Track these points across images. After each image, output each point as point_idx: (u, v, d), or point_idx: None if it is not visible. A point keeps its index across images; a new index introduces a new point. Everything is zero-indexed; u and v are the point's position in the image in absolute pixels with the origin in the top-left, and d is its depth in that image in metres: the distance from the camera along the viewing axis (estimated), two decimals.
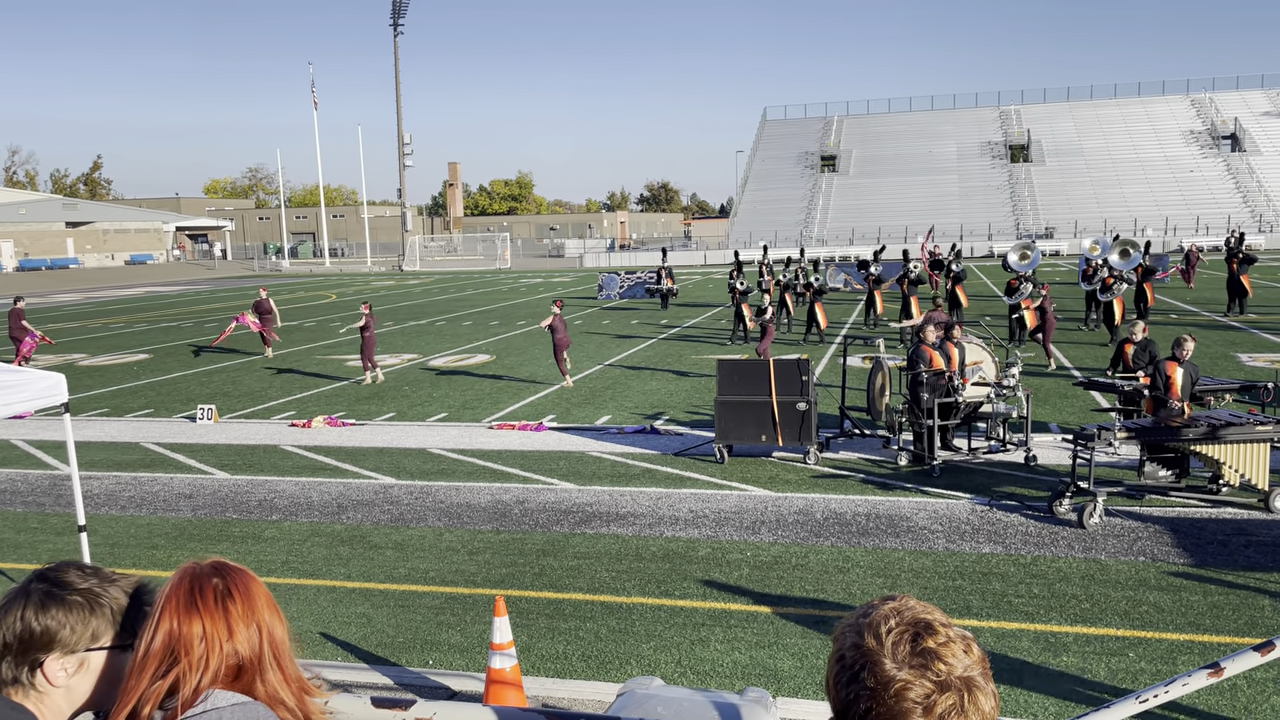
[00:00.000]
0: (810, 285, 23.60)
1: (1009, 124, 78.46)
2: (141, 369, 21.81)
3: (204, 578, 1.65)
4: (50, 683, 1.70)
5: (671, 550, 8.80)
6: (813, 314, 22.89)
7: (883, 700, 1.28)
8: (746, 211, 74.62)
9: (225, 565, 1.70)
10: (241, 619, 1.63)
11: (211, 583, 1.65)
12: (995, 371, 12.03)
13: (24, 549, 9.46)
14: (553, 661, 6.68)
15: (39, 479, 12.21)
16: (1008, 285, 20.88)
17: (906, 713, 1.26)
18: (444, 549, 9.03)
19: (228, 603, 1.63)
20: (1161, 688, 2.88)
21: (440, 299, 40.38)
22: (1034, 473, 10.97)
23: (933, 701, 1.26)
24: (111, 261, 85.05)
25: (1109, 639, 6.74)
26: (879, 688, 1.28)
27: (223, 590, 1.64)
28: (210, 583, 1.65)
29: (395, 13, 71.48)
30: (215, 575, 1.66)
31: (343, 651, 6.94)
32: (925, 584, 7.82)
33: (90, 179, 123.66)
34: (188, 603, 1.62)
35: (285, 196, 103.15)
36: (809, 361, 11.74)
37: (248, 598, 1.65)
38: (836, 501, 10.14)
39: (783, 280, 26.25)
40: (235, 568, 1.70)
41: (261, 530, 9.82)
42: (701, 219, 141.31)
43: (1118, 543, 8.64)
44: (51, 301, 45.63)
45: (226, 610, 1.62)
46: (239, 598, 1.64)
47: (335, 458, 12.77)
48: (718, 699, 4.24)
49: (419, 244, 77.75)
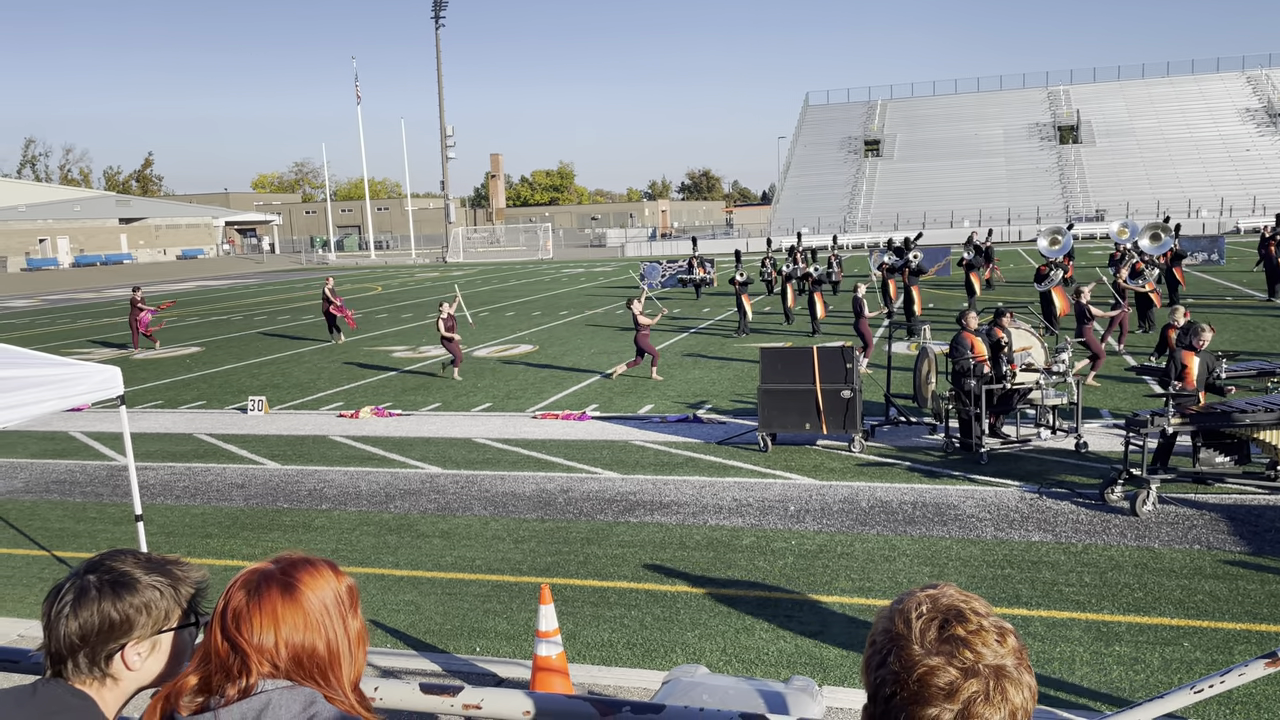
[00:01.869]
0: (809, 275, 23.13)
1: (1057, 105, 76.95)
2: (194, 362, 22.25)
3: (271, 573, 1.68)
4: (128, 667, 1.76)
5: (715, 539, 8.79)
6: (812, 304, 22.36)
7: (906, 685, 1.27)
8: (789, 198, 74.09)
9: (297, 562, 1.71)
10: (299, 616, 1.65)
11: (276, 579, 1.67)
12: (1045, 357, 11.84)
13: (83, 538, 9.72)
14: (598, 649, 6.71)
15: (97, 469, 12.52)
16: (1037, 272, 20.40)
17: (930, 698, 1.25)
18: (490, 537, 9.12)
19: (286, 600, 1.65)
20: (1217, 677, 2.82)
21: (483, 290, 40.64)
22: (1085, 460, 10.79)
23: (957, 688, 1.25)
24: (163, 257, 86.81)
25: (1163, 628, 6.62)
26: (903, 672, 1.28)
27: (284, 587, 1.66)
28: (275, 578, 1.67)
29: (436, 5, 71.90)
30: (283, 571, 1.69)
31: (391, 638, 7.04)
32: (973, 573, 7.74)
33: (142, 176, 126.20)
34: (250, 596, 1.65)
35: (331, 190, 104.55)
36: (853, 349, 11.65)
37: (307, 597, 1.67)
38: (882, 490, 10.06)
39: (784, 270, 25.81)
40: (309, 566, 1.71)
41: (312, 519, 9.98)
42: (743, 206, 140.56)
43: (1172, 530, 8.48)
44: (106, 296, 46.69)
45: (285, 607, 1.65)
46: (297, 597, 1.66)
47: (382, 448, 12.93)
48: (763, 687, 4.24)
49: (462, 235, 78.31)
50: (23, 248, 75.89)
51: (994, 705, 1.24)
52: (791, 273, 25.43)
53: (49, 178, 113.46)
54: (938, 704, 1.25)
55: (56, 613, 1.73)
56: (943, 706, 1.25)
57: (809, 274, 23.22)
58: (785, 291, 24.84)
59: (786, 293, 24.77)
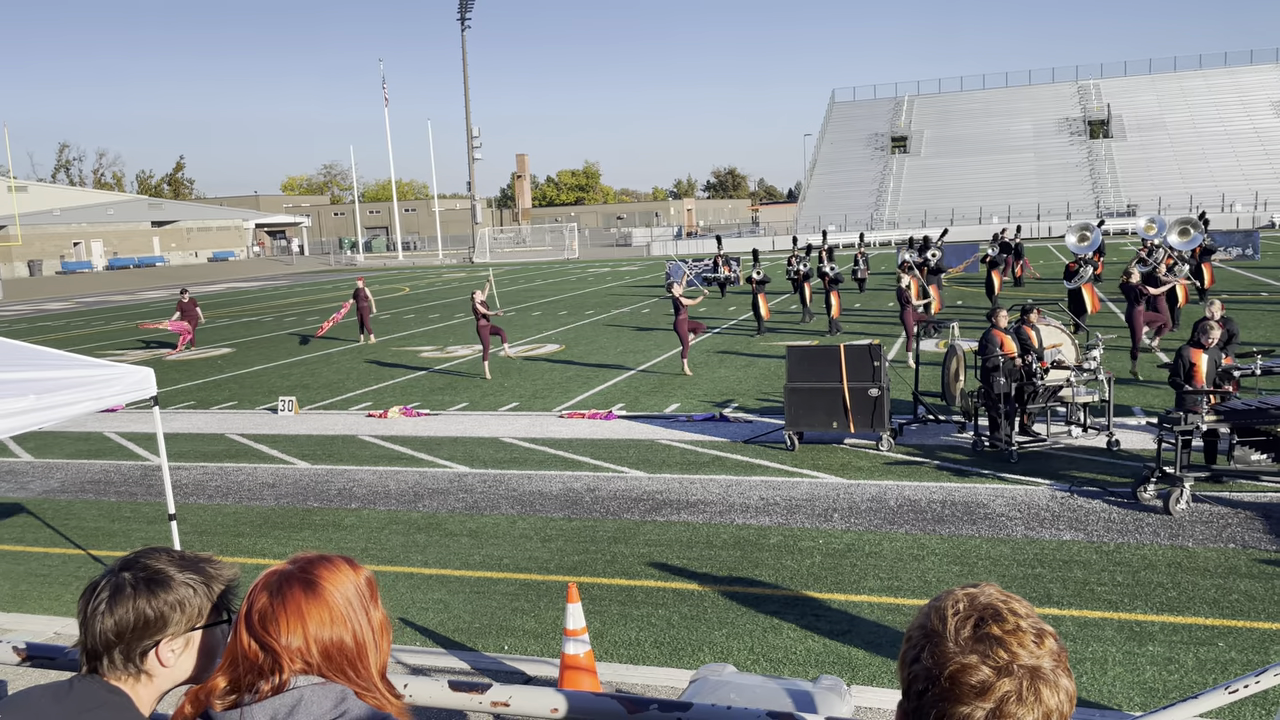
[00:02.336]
0: (825, 274, 22.82)
1: (1087, 99, 76.07)
2: (225, 363, 22.50)
3: (291, 573, 1.71)
4: (162, 664, 1.78)
5: (742, 538, 8.78)
6: (829, 304, 22.19)
7: (939, 682, 1.27)
8: (815, 196, 73.77)
9: (314, 560, 1.74)
10: (324, 612, 1.67)
11: (297, 578, 1.70)
12: (1075, 354, 11.72)
13: (118, 537, 9.86)
14: (626, 648, 6.72)
15: (131, 469, 12.70)
16: (1066, 269, 20.14)
17: (961, 696, 1.25)
18: (517, 536, 9.15)
19: (310, 598, 1.68)
20: (1252, 678, 2.78)
21: (510, 290, 40.79)
22: (1116, 458, 10.67)
23: (988, 687, 1.24)
24: (195, 259, 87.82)
25: (1197, 628, 6.53)
26: (935, 668, 1.28)
27: (306, 585, 1.69)
28: (296, 578, 1.70)
29: (462, 7, 72.24)
30: (302, 570, 1.71)
31: (421, 636, 7.09)
32: (1004, 572, 7.68)
33: (173, 179, 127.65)
34: (274, 597, 1.67)
35: (359, 192, 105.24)
36: (881, 347, 11.59)
37: (330, 593, 1.69)
38: (910, 488, 10.00)
39: (802, 270, 25.57)
40: (326, 563, 1.74)
41: (341, 518, 10.07)
42: (769, 204, 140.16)
43: (1206, 529, 8.37)
44: (139, 299, 47.30)
45: (309, 604, 1.67)
46: (320, 593, 1.68)
47: (411, 447, 13.02)
48: (791, 686, 4.23)
49: (489, 236, 78.65)
50: (58, 251, 77.06)
51: (1027, 705, 1.23)
52: (808, 272, 25.29)
53: (82, 182, 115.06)
54: (969, 702, 1.24)
55: (93, 610, 1.75)
56: (975, 705, 1.24)
57: (824, 273, 22.95)
58: (803, 290, 24.78)
59: (804, 291, 24.72)
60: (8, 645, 2.82)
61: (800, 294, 24.91)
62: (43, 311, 42.34)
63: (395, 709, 1.71)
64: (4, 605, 8.16)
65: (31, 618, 7.88)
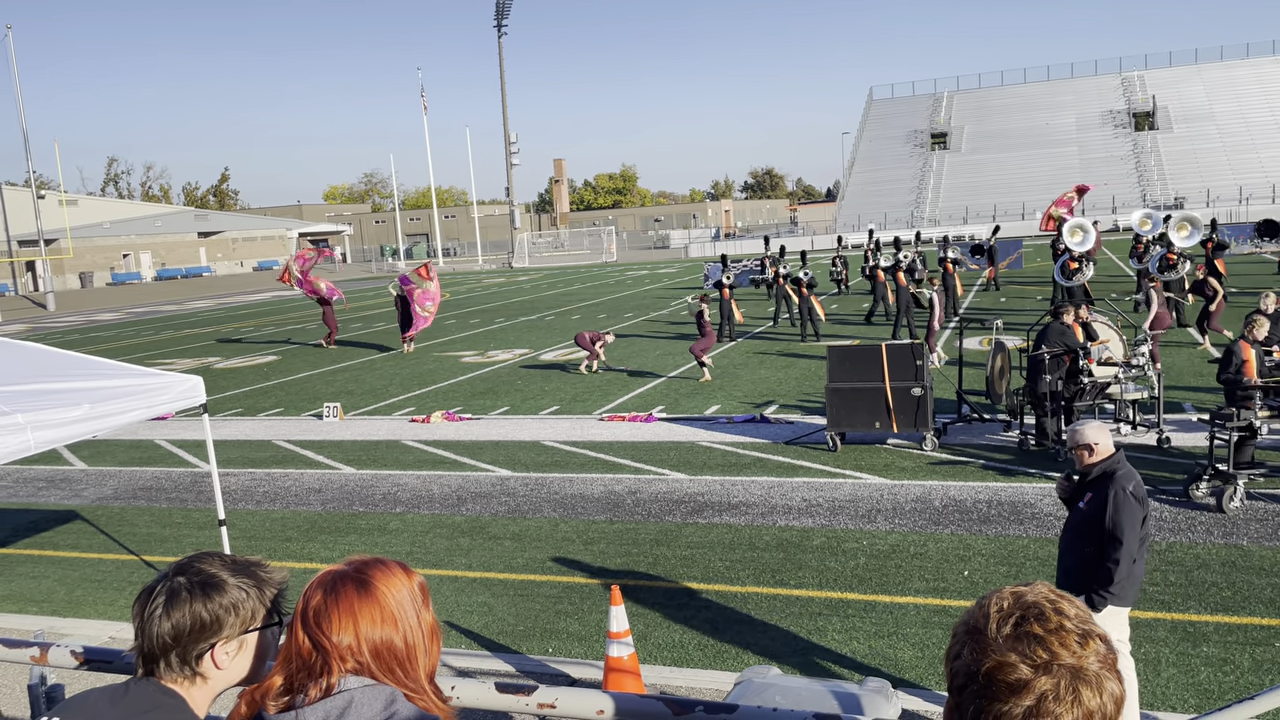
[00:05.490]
0: (799, 280, 22.05)
1: (1132, 91, 74.74)
2: (271, 370, 22.84)
3: (345, 573, 1.75)
4: (217, 666, 1.82)
5: (785, 539, 8.74)
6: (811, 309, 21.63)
7: (977, 678, 1.27)
8: (854, 194, 73.24)
9: (369, 562, 1.78)
10: (376, 612, 1.70)
11: (351, 577, 1.73)
12: (1124, 351, 11.52)
13: (169, 543, 10.05)
14: (669, 650, 6.72)
15: (181, 476, 12.93)
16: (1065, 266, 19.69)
17: (998, 693, 1.25)
18: (560, 539, 9.19)
19: (362, 597, 1.71)
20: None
21: (549, 294, 40.97)
22: (1167, 455, 10.47)
23: (1025, 685, 1.24)
24: (240, 269, 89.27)
25: (1253, 628, 6.39)
26: (974, 665, 1.28)
27: (359, 584, 1.72)
28: (350, 577, 1.73)
29: (499, 14, 72.76)
30: (357, 571, 1.75)
31: (466, 639, 7.14)
32: (1052, 573, 7.54)
33: (219, 190, 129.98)
34: (328, 595, 1.71)
35: (399, 199, 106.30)
36: (923, 346, 11.48)
37: (382, 593, 1.73)
38: (955, 488, 9.89)
39: (784, 272, 25.10)
40: (380, 565, 1.77)
41: (386, 523, 10.17)
42: (808, 204, 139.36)
43: (1261, 527, 8.18)
44: (187, 309, 48.19)
45: (361, 603, 1.70)
46: (372, 593, 1.72)
47: (454, 451, 13.12)
48: (837, 688, 4.20)
49: (527, 241, 79.08)
50: (108, 263, 78.73)
51: (1065, 705, 1.23)
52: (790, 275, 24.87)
53: (131, 195, 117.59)
54: (1006, 699, 1.24)
55: (149, 614, 1.79)
56: (1012, 702, 1.24)
57: (799, 278, 22.39)
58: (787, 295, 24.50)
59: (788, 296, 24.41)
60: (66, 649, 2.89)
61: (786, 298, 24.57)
62: (95, 322, 43.28)
63: (443, 713, 1.73)
64: (61, 610, 8.36)
65: (87, 622, 8.06)
